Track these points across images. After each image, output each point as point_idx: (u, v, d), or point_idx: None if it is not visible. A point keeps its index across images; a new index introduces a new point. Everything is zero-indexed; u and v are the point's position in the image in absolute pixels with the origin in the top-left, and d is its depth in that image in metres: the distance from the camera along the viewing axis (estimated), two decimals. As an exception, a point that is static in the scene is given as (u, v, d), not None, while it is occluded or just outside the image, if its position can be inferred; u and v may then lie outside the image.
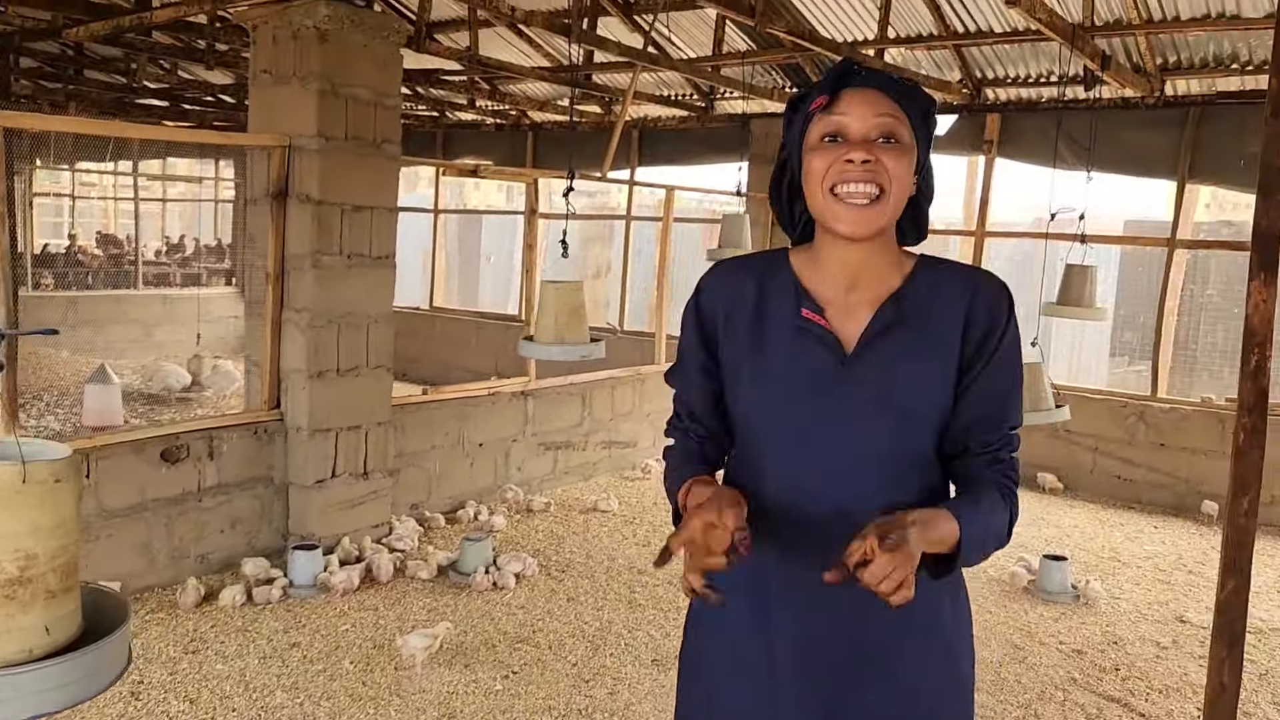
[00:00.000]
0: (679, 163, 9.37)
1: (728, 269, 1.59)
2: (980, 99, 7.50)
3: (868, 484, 1.45)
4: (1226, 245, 7.94)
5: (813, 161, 1.43)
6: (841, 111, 1.42)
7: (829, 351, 1.46)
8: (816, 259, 1.51)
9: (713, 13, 7.08)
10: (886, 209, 1.41)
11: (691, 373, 1.58)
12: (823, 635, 1.48)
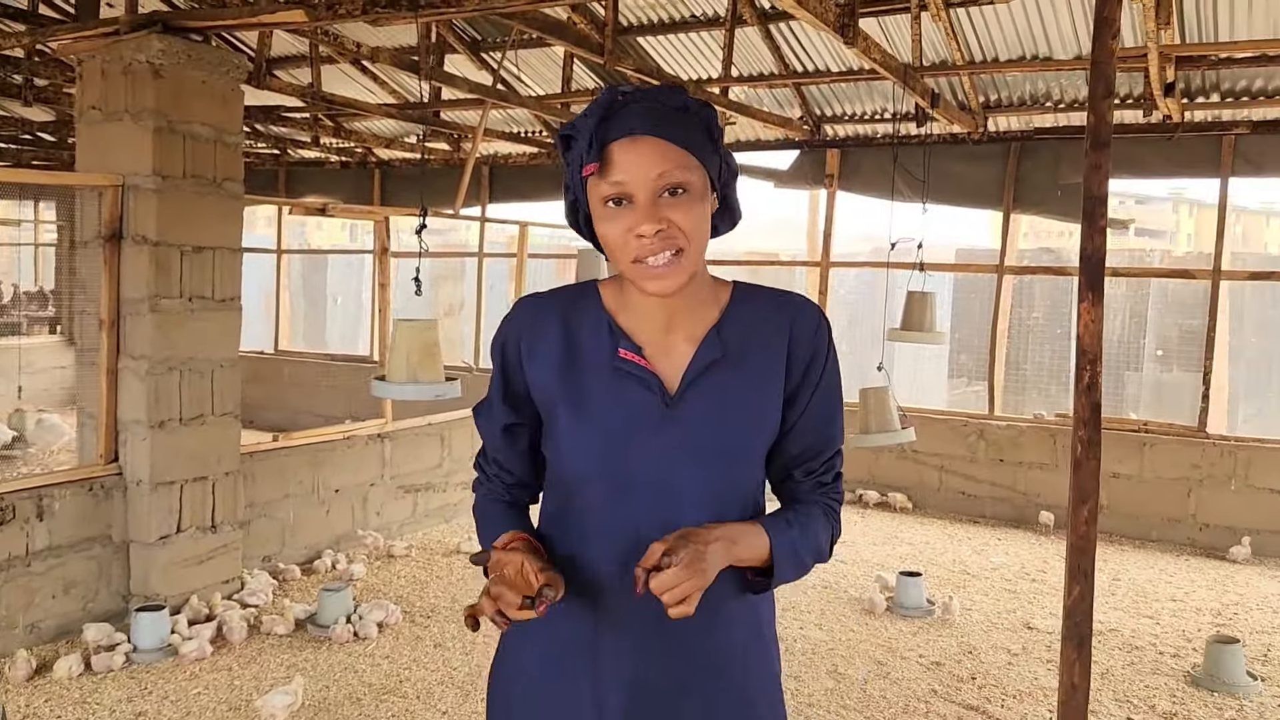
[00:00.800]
0: (530, 199, 9.38)
1: (533, 305, 1.46)
2: (820, 135, 7.81)
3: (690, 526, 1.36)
4: (1049, 270, 8.48)
5: (604, 229, 1.33)
6: (618, 179, 1.30)
7: (651, 393, 1.38)
8: (628, 299, 1.42)
9: (561, 51, 7.15)
10: (690, 263, 1.32)
11: (498, 415, 1.48)
12: (654, 702, 1.40)
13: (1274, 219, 44.85)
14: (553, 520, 1.47)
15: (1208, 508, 6.59)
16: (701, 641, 1.41)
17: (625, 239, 1.31)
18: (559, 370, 1.41)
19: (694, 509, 1.37)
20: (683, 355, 1.41)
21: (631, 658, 1.39)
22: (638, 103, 1.32)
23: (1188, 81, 6.33)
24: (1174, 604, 5.41)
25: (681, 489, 1.38)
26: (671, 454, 1.37)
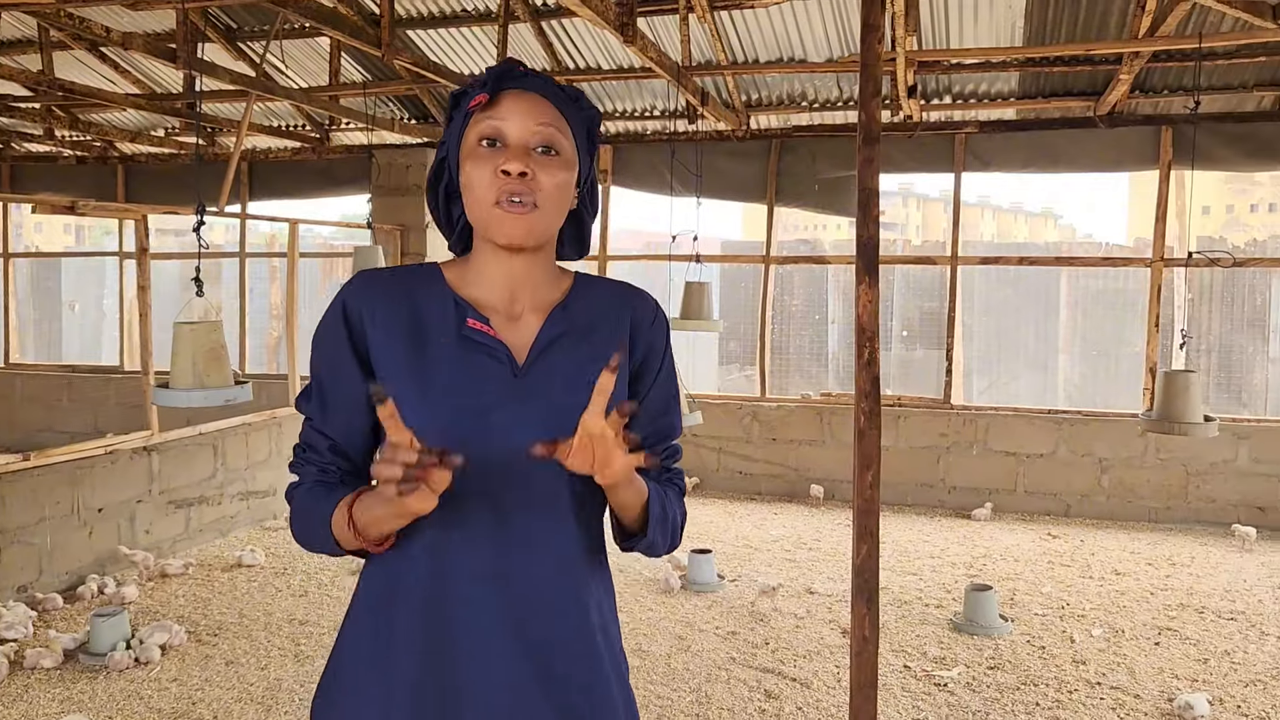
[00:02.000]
0: (295, 196, 8.99)
1: (371, 279, 1.41)
2: (593, 131, 7.95)
3: (546, 500, 1.36)
4: (810, 259, 9.03)
5: (470, 169, 1.34)
6: (501, 116, 1.34)
7: (500, 363, 1.37)
8: (474, 270, 1.42)
9: (326, 42, 6.92)
10: (541, 220, 1.34)
11: (337, 397, 1.39)
12: (507, 684, 1.34)
13: (988, 211, 49.60)
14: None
15: (955, 472, 7.27)
16: (561, 610, 1.38)
17: (491, 179, 1.32)
18: (404, 341, 1.36)
19: (545, 479, 1.35)
20: (529, 327, 1.40)
21: (488, 631, 1.34)
22: (527, 74, 1.38)
23: (924, 84, 6.94)
24: (933, 560, 5.95)
25: (532, 462, 1.30)
26: (522, 424, 1.34)
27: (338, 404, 1.39)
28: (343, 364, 1.38)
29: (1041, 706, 3.93)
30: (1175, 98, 6.68)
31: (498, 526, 1.34)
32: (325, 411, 1.40)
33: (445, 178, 1.43)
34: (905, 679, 4.20)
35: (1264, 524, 6.72)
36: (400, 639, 1.35)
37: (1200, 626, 4.86)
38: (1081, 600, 5.23)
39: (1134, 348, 7.35)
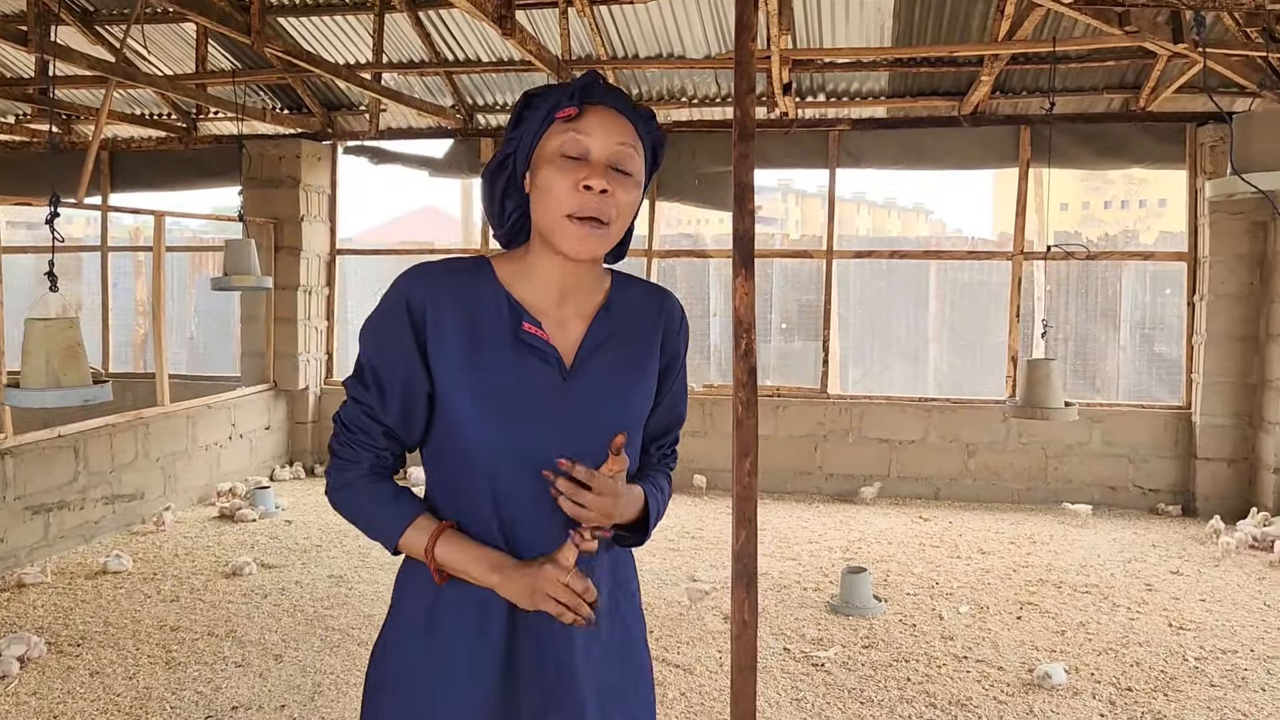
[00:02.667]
0: (162, 188, 8.63)
1: (429, 272, 1.46)
2: (474, 124, 7.89)
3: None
4: (689, 253, 9.14)
5: (551, 177, 1.39)
6: (586, 130, 1.39)
7: (549, 366, 1.44)
8: (526, 269, 1.47)
9: (193, 28, 6.67)
10: (609, 238, 1.42)
11: (396, 386, 1.43)
12: (556, 670, 1.47)
13: (863, 206, 51.01)
14: (443, 489, 1.49)
15: (831, 459, 7.49)
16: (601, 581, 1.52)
17: (571, 190, 1.38)
18: (461, 338, 1.42)
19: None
20: (576, 331, 1.47)
21: (535, 624, 1.46)
22: (611, 90, 1.44)
23: (800, 82, 7.11)
24: (811, 545, 6.12)
25: (578, 460, 1.42)
26: (568, 425, 1.43)
27: (396, 393, 1.44)
28: (404, 354, 1.42)
29: (912, 681, 4.10)
30: (1033, 99, 7.01)
31: (550, 520, 1.44)
32: (384, 400, 1.44)
33: (507, 172, 1.47)
34: (785, 661, 4.31)
35: (1115, 502, 7.13)
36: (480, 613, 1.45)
37: (1058, 600, 5.13)
38: (950, 579, 5.46)
39: (998, 337, 7.69)
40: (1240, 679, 4.16)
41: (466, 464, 1.44)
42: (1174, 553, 6.01)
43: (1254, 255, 6.80)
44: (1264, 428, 6.69)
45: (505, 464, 1.43)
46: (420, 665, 1.47)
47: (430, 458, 1.51)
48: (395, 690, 1.48)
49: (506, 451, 1.42)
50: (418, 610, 1.48)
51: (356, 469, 1.48)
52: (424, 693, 1.46)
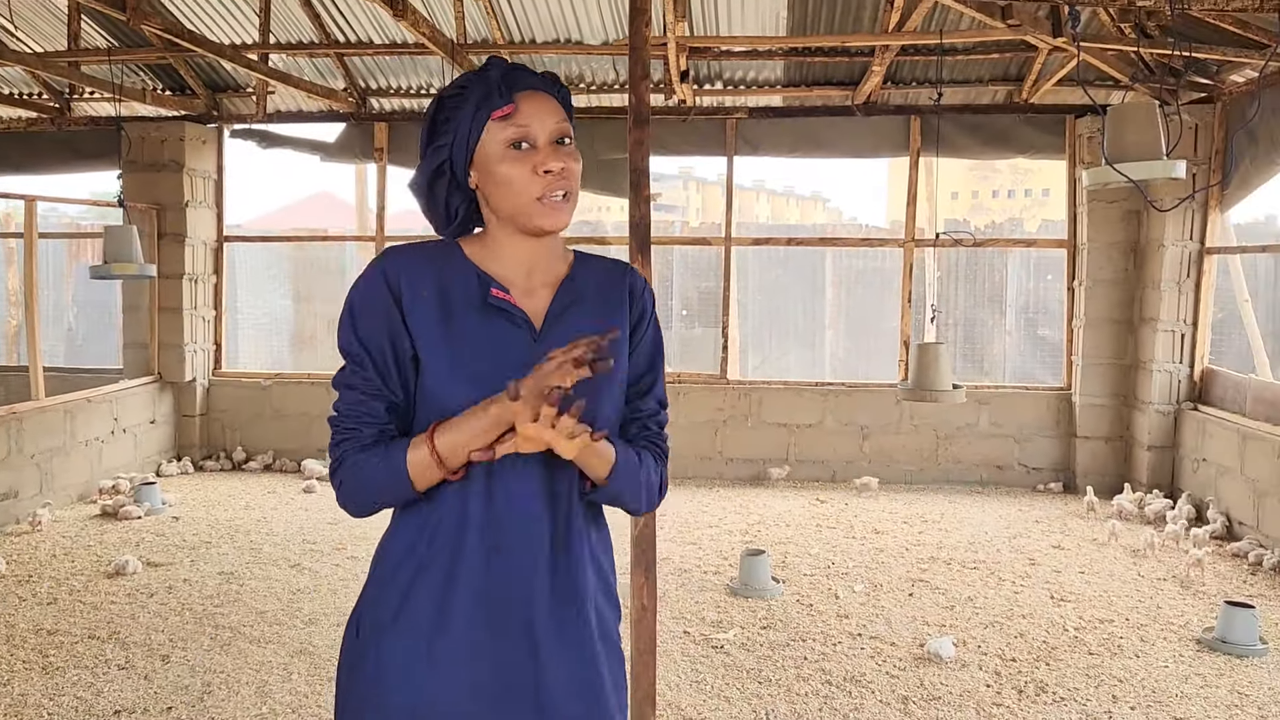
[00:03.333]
0: (33, 171, 8.20)
1: (401, 252, 1.55)
2: (367, 108, 7.72)
3: (564, 461, 1.47)
4: (592, 240, 9.12)
5: (509, 170, 1.47)
6: (525, 120, 1.47)
7: (519, 329, 1.50)
8: (492, 248, 1.55)
9: (63, 2, 6.36)
10: (573, 206, 1.52)
11: (391, 359, 1.49)
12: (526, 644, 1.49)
13: (763, 194, 51.67)
14: None
15: (731, 444, 7.58)
16: (566, 572, 1.52)
17: (532, 176, 1.46)
18: (435, 310, 1.49)
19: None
20: (542, 299, 1.55)
21: (501, 582, 1.48)
22: (524, 71, 1.51)
23: (697, 70, 7.15)
24: (712, 529, 6.19)
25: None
26: None
27: (390, 361, 1.50)
28: (390, 324, 1.49)
29: (809, 660, 4.18)
30: (922, 89, 7.19)
31: (526, 473, 1.49)
32: (382, 372, 1.49)
33: (446, 178, 1.54)
34: (685, 643, 4.35)
35: (1001, 481, 7.40)
36: (457, 557, 1.48)
37: (948, 576, 5.30)
38: (845, 559, 5.59)
39: (891, 323, 7.87)
40: (1116, 646, 4.36)
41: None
42: (1056, 528, 6.27)
43: (1128, 242, 7.11)
44: (1138, 407, 7.02)
45: None
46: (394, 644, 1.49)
47: (415, 426, 1.53)
48: (373, 672, 1.50)
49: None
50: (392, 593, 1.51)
51: (357, 447, 1.50)
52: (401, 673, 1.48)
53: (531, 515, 1.49)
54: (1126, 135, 4.11)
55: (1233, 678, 4.04)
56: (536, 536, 1.50)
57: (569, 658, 1.52)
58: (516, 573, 1.49)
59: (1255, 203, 31.44)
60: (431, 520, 1.50)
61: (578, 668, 1.53)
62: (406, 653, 1.47)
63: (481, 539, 1.48)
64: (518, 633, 1.49)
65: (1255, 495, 5.83)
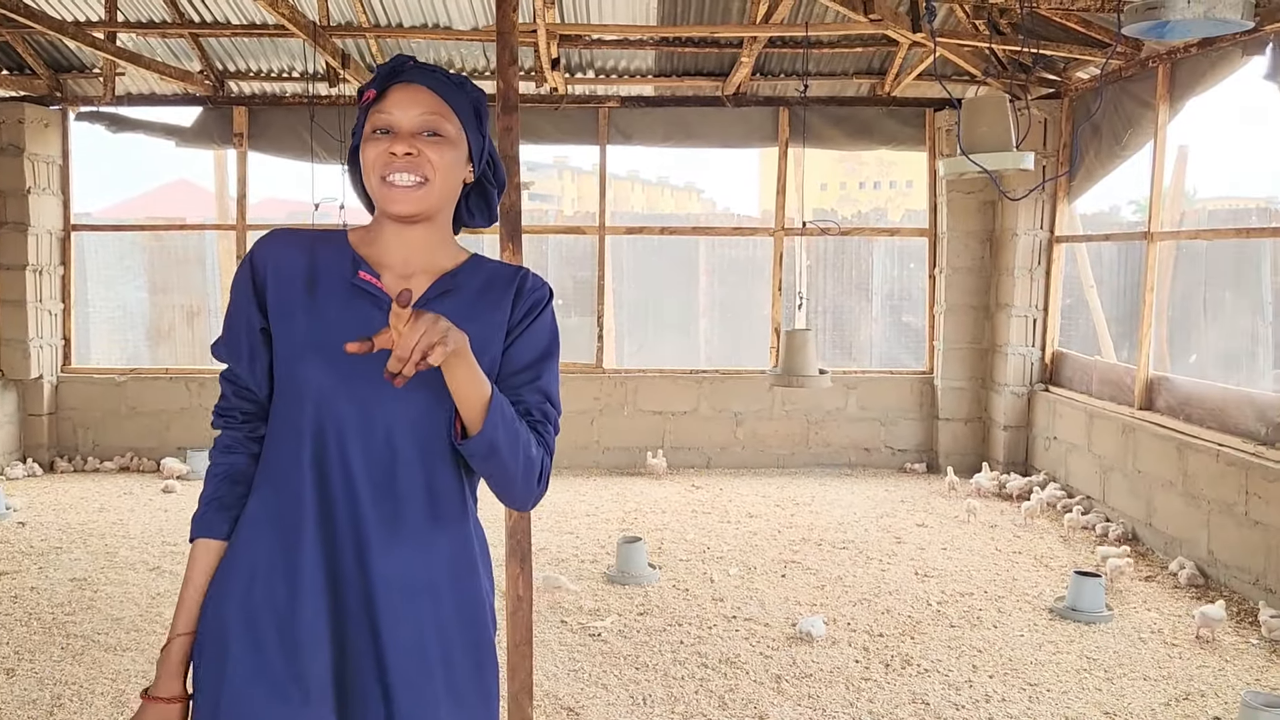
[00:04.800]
0: None
1: (282, 235, 1.61)
2: (225, 91, 7.42)
3: (412, 442, 1.49)
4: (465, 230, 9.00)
5: (366, 153, 1.54)
6: (388, 109, 1.52)
7: (384, 313, 1.48)
8: (374, 235, 1.60)
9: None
10: (432, 193, 1.52)
11: (242, 339, 1.56)
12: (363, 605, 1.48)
13: (638, 184, 51.96)
14: (279, 430, 1.53)
15: (608, 433, 7.61)
16: (415, 551, 1.51)
17: (380, 158, 1.51)
18: (299, 287, 1.54)
19: (416, 427, 1.50)
20: (417, 286, 1.55)
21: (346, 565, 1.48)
22: (416, 66, 1.56)
23: (569, 58, 7.11)
24: (589, 518, 6.20)
25: (403, 408, 1.49)
26: None
27: (242, 348, 1.56)
28: (247, 310, 1.55)
29: (685, 644, 4.24)
30: (790, 81, 7.33)
31: (367, 462, 1.49)
32: (235, 355, 1.57)
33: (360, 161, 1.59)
34: (562, 633, 4.35)
35: (869, 463, 7.64)
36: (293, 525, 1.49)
37: (819, 557, 5.44)
38: (720, 543, 5.68)
39: (763, 310, 8.02)
40: (976, 618, 4.56)
41: (298, 405, 1.51)
42: (920, 507, 6.51)
43: (984, 231, 7.42)
44: (994, 389, 7.35)
45: (335, 405, 1.49)
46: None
47: (273, 403, 1.57)
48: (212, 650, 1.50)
49: (338, 391, 1.49)
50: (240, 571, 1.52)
51: (219, 435, 1.60)
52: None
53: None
54: (979, 127, 4.29)
55: (1082, 644, 4.28)
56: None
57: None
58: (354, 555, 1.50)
59: (1102, 194, 33.31)
60: (272, 508, 1.52)
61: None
62: (244, 645, 1.47)
63: (321, 530, 1.49)
64: (358, 612, 1.48)
65: (1101, 471, 6.17)
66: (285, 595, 1.47)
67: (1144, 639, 4.33)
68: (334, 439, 1.48)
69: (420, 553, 1.51)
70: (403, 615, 1.49)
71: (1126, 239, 7.16)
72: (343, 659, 1.48)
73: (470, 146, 1.58)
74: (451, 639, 1.53)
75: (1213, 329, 7.29)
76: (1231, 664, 4.08)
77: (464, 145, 1.56)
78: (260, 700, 1.45)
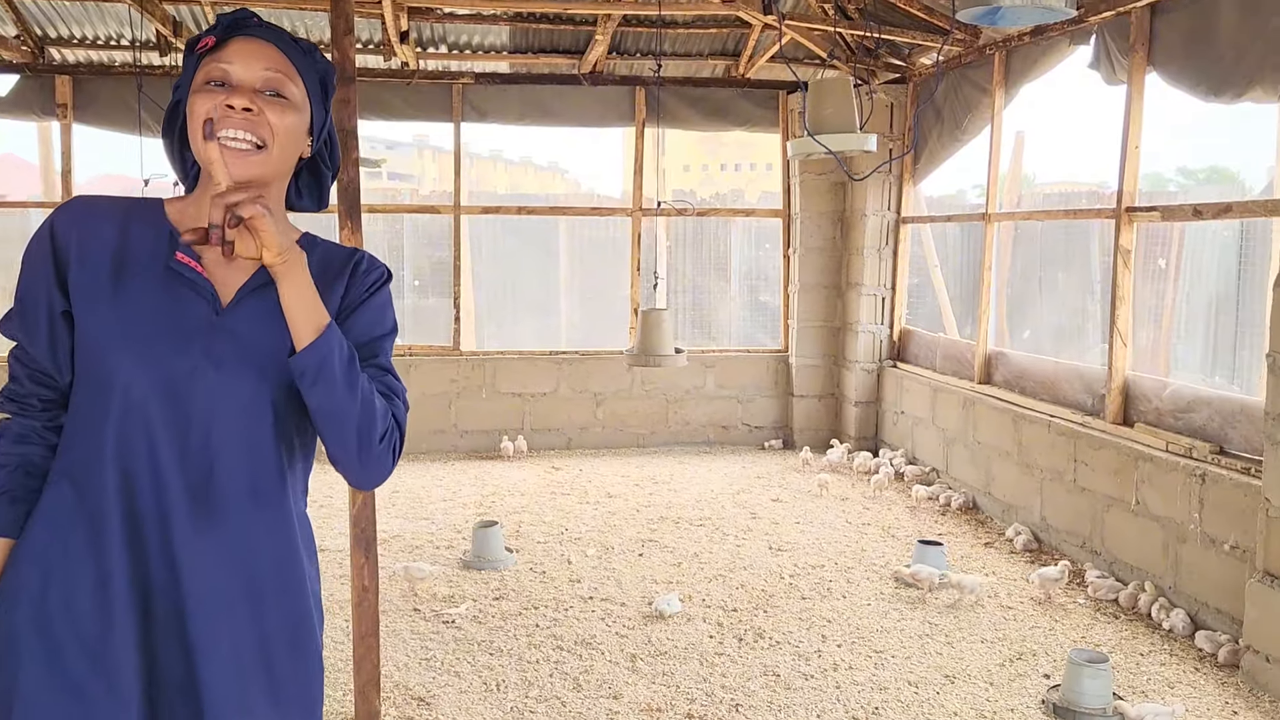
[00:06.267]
0: None
1: (86, 203, 1.44)
2: (46, 59, 6.93)
3: (232, 438, 1.38)
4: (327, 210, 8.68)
5: (195, 104, 1.38)
6: (227, 59, 1.38)
7: (203, 300, 1.39)
8: (197, 207, 1.45)
9: None
10: (269, 160, 1.39)
11: (40, 320, 1.41)
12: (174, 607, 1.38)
13: (500, 164, 51.36)
14: (81, 422, 1.40)
15: (465, 416, 7.48)
16: (233, 548, 1.40)
17: (214, 112, 1.35)
18: (108, 267, 1.39)
19: (234, 418, 1.38)
20: (243, 272, 1.42)
21: (154, 563, 1.37)
22: (259, 23, 1.42)
23: (420, 32, 6.92)
24: (445, 503, 6.08)
25: (222, 398, 1.37)
26: (219, 363, 1.37)
27: (39, 327, 1.41)
28: (48, 290, 1.40)
29: (541, 627, 4.20)
30: (647, 60, 7.32)
31: (176, 458, 1.37)
32: (29, 334, 1.42)
33: (180, 122, 1.46)
34: (415, 621, 4.25)
35: (727, 440, 7.75)
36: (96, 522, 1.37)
37: (676, 535, 5.49)
38: (579, 524, 5.66)
39: (623, 291, 8.02)
40: (826, 589, 4.67)
41: (103, 398, 1.37)
42: (775, 482, 6.64)
43: (835, 212, 7.59)
44: (846, 366, 7.55)
45: (147, 402, 1.36)
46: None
47: (75, 389, 1.44)
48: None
49: (151, 387, 1.36)
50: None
51: (8, 419, 1.46)
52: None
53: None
54: (825, 109, 4.36)
55: (924, 610, 4.44)
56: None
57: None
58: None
59: (950, 178, 34.71)
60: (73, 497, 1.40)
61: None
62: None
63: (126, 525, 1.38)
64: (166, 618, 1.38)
65: (945, 443, 6.43)
66: (86, 601, 1.36)
67: (982, 603, 4.53)
68: (143, 437, 1.36)
69: (239, 559, 1.40)
70: (219, 627, 1.38)
71: (967, 220, 7.44)
72: (152, 669, 1.37)
73: (313, 118, 1.46)
74: (273, 648, 1.43)
75: (1047, 306, 7.68)
76: (1061, 624, 4.30)
77: (307, 113, 1.44)
78: (58, 708, 1.34)
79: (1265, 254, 5.97)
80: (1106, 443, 4.85)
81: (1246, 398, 4.40)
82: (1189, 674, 3.83)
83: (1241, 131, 13.77)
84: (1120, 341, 4.96)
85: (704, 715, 3.46)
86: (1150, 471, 4.52)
